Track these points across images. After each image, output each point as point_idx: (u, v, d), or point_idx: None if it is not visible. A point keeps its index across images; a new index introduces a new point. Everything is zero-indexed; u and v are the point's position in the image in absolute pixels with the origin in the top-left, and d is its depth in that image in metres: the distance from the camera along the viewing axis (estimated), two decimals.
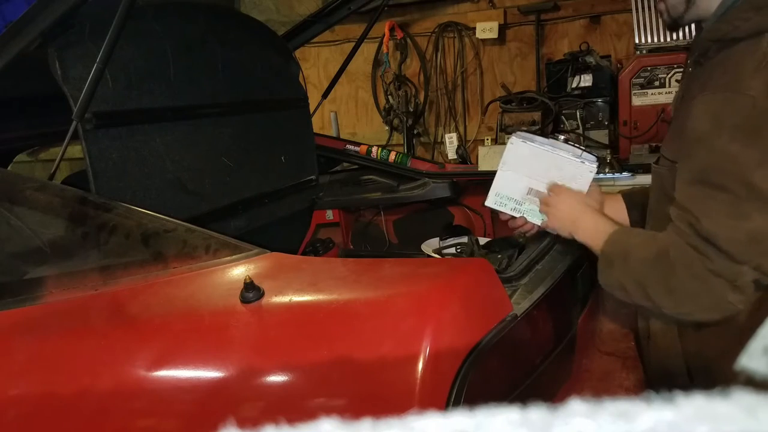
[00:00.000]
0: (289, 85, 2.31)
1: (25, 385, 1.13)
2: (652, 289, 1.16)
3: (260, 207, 2.05)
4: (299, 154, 2.30)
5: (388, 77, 4.65)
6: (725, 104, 1.10)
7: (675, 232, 1.15)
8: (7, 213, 1.30)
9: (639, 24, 3.49)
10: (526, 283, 1.36)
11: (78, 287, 1.21)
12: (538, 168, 1.46)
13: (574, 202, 1.39)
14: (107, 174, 1.47)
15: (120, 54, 1.48)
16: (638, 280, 1.19)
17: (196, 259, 1.20)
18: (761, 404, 0.24)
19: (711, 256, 1.09)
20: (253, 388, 1.02)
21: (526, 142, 1.47)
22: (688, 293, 1.13)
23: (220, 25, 2.00)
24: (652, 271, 1.17)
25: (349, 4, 2.36)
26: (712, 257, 1.09)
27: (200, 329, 1.11)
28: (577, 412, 0.25)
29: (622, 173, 3.19)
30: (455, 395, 0.95)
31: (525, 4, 4.23)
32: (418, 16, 4.56)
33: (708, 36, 1.21)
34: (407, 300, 1.04)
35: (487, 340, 1.02)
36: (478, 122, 4.54)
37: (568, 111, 3.60)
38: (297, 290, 1.10)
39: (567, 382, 1.35)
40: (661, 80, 3.38)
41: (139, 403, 1.06)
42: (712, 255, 1.09)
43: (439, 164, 2.50)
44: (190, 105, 1.79)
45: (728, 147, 1.08)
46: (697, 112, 1.14)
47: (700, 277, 1.11)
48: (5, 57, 1.28)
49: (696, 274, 1.11)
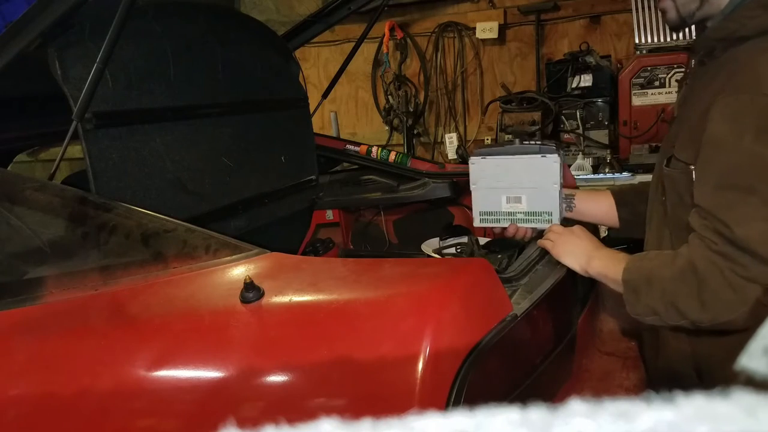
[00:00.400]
0: (289, 85, 2.31)
1: (25, 385, 1.13)
2: (684, 306, 1.12)
3: (260, 207, 2.05)
4: (299, 154, 2.30)
5: (388, 77, 4.66)
6: (745, 106, 1.08)
7: (699, 243, 1.11)
8: (7, 213, 1.30)
9: (639, 24, 3.49)
10: (526, 283, 1.36)
11: (78, 287, 1.21)
12: (506, 177, 1.52)
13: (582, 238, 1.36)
14: (107, 174, 1.47)
15: (120, 54, 1.48)
16: (668, 300, 1.14)
17: (196, 259, 1.20)
18: (761, 404, 0.24)
19: (745, 263, 1.05)
20: (253, 388, 1.02)
21: (485, 157, 1.53)
22: (724, 304, 1.09)
23: (220, 25, 2.00)
24: (680, 289, 1.13)
25: (349, 4, 2.35)
26: (747, 264, 1.05)
27: (200, 329, 1.11)
28: (577, 412, 0.25)
29: (622, 173, 3.19)
30: (455, 395, 0.95)
31: (525, 4, 4.24)
32: (418, 16, 4.56)
33: (714, 34, 1.20)
34: (407, 300, 1.04)
35: (487, 340, 1.02)
36: (478, 122, 4.55)
37: (568, 111, 3.60)
38: (297, 290, 1.10)
39: (567, 382, 1.35)
40: (661, 80, 3.38)
41: (140, 403, 1.06)
42: (746, 262, 1.05)
43: (439, 164, 2.49)
44: (190, 105, 1.79)
45: (753, 148, 1.06)
46: (716, 115, 1.11)
47: (734, 286, 1.07)
48: (5, 57, 1.28)
49: (729, 284, 1.07)
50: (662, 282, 1.16)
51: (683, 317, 1.14)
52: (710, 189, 1.12)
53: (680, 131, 1.26)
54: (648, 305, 1.18)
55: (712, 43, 1.21)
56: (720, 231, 1.08)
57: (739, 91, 1.10)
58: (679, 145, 1.24)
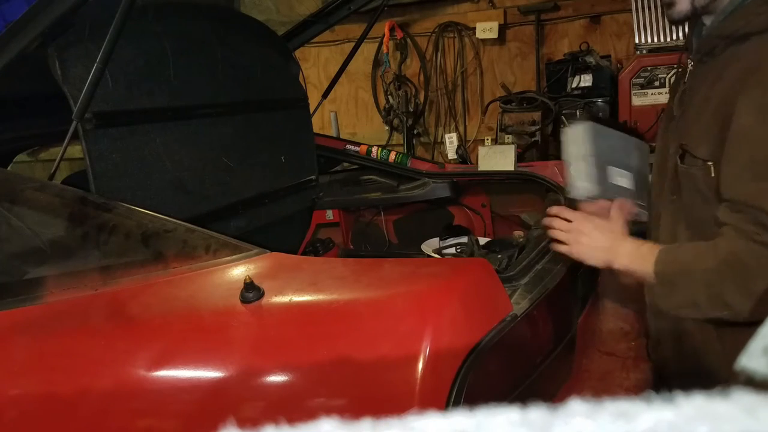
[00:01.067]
0: (289, 85, 2.31)
1: (25, 385, 1.13)
2: (730, 296, 1.12)
3: (260, 207, 2.05)
4: (299, 154, 2.30)
5: (388, 77, 4.65)
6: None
7: (739, 235, 1.11)
8: (7, 213, 1.30)
9: (639, 24, 3.49)
10: (526, 283, 1.36)
11: (78, 287, 1.21)
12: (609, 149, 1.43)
13: (603, 228, 1.32)
14: (107, 174, 1.47)
15: (120, 54, 1.47)
16: (713, 292, 1.14)
17: (196, 259, 1.20)
18: (761, 404, 0.24)
19: None
20: (253, 388, 1.02)
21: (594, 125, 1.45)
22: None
23: (220, 25, 2.00)
24: (726, 279, 1.12)
25: (349, 4, 2.36)
26: None
27: (200, 329, 1.11)
28: (577, 412, 0.25)
29: None
30: (455, 395, 0.95)
31: (525, 4, 4.23)
32: (418, 16, 4.56)
33: (717, 32, 1.20)
34: (407, 300, 1.04)
35: (487, 340, 1.02)
36: (478, 122, 4.54)
37: (568, 111, 3.60)
38: (297, 290, 1.10)
39: (567, 382, 1.35)
40: (661, 80, 3.38)
41: (140, 403, 1.06)
42: None
43: (439, 164, 2.50)
44: (190, 105, 1.79)
45: None
46: (742, 109, 1.12)
47: None
48: (5, 57, 1.28)
49: None
50: (705, 273, 1.15)
51: (727, 308, 1.13)
52: (745, 181, 1.12)
53: (689, 129, 1.26)
54: (687, 297, 1.17)
55: (714, 41, 1.21)
56: (761, 221, 1.08)
57: (760, 83, 1.11)
58: (693, 143, 1.23)
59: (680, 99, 1.33)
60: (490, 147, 2.46)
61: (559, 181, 2.14)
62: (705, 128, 1.21)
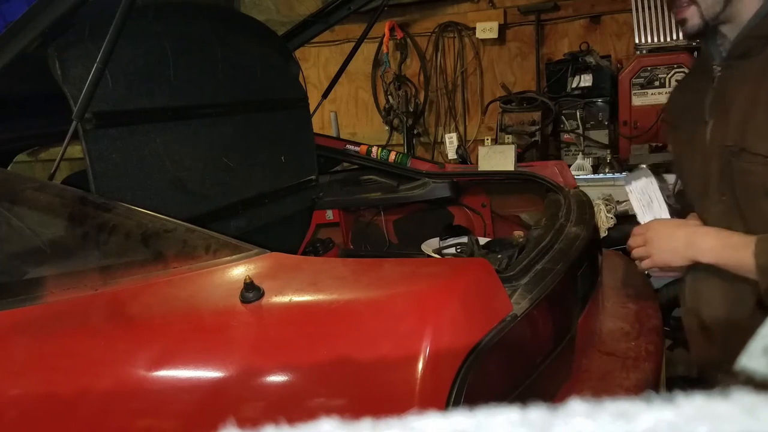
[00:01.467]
0: (289, 85, 2.31)
1: (25, 385, 1.13)
2: None
3: (260, 207, 2.05)
4: (299, 154, 2.30)
5: (388, 77, 4.66)
6: None
7: None
8: (7, 213, 1.30)
9: (639, 24, 3.49)
10: (526, 283, 1.36)
11: (78, 287, 1.21)
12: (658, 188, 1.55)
13: (677, 224, 1.31)
14: (107, 174, 1.47)
15: (120, 54, 1.47)
16: None
17: (196, 259, 1.19)
18: (761, 404, 0.24)
19: None
20: (253, 388, 1.02)
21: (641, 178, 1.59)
22: None
23: (220, 25, 2.00)
24: None
25: (349, 4, 2.36)
26: None
27: (200, 329, 1.11)
28: (577, 412, 0.25)
29: (622, 173, 3.19)
30: (455, 395, 0.95)
31: (525, 4, 4.23)
32: (418, 16, 4.56)
33: (756, 33, 1.23)
34: (407, 300, 1.04)
35: (487, 340, 1.02)
36: (478, 122, 4.55)
37: (568, 111, 3.60)
38: (297, 290, 1.10)
39: (567, 382, 1.35)
40: (661, 80, 3.38)
41: (139, 403, 1.06)
42: None
43: (439, 164, 2.50)
44: (190, 105, 1.79)
45: None
46: None
47: None
48: (5, 57, 1.28)
49: None
50: None
51: None
52: None
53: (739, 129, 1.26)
54: None
55: (750, 42, 1.24)
56: None
57: None
58: (750, 140, 1.23)
59: (712, 104, 1.33)
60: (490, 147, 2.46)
61: (559, 181, 2.14)
62: (762, 125, 1.21)
